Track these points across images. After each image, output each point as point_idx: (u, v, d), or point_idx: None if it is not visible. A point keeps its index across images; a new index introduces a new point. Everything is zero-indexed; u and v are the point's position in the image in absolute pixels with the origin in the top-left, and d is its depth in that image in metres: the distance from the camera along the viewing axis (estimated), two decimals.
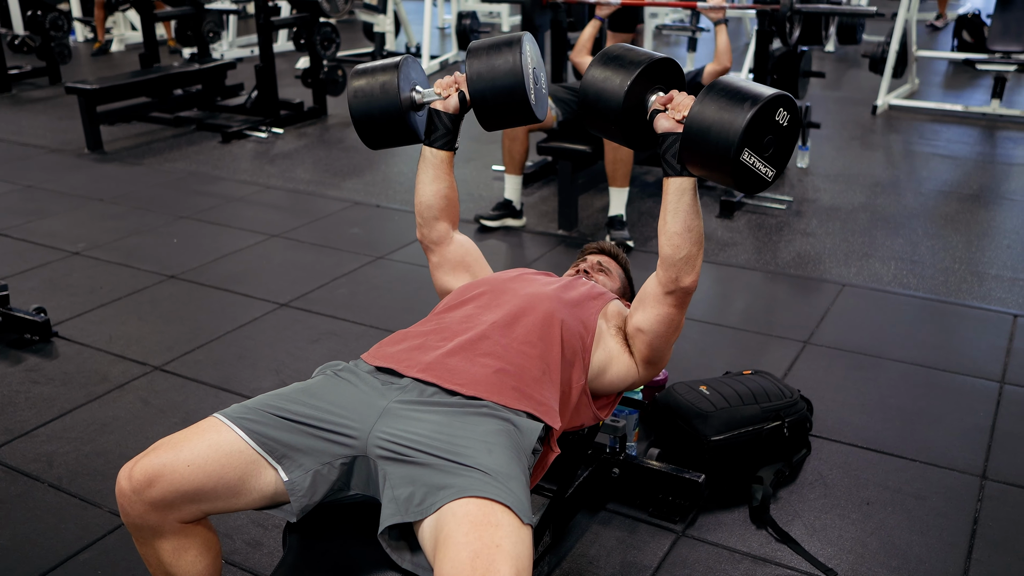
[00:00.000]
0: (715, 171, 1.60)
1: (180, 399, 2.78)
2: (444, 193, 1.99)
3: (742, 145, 1.54)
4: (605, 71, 1.76)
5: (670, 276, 1.74)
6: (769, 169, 1.60)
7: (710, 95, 1.59)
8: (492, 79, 1.83)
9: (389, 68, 1.92)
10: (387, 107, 1.90)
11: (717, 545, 2.14)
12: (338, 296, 3.52)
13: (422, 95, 1.94)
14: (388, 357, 1.68)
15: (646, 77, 1.73)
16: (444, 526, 1.34)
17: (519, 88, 1.83)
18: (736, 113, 1.54)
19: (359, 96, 1.91)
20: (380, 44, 8.66)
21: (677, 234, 1.70)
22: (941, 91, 7.45)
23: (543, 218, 4.39)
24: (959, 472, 2.39)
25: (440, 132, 1.94)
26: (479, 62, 1.85)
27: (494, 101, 1.86)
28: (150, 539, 1.52)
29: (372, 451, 1.50)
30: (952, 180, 4.98)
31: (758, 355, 3.03)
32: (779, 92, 1.57)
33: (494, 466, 1.41)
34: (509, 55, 1.83)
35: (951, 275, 3.66)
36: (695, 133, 1.59)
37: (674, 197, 1.70)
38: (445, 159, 1.97)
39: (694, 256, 1.72)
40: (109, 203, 4.68)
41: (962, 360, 2.98)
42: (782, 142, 1.61)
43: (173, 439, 1.51)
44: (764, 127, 1.56)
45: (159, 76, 6.15)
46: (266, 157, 5.57)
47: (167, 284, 3.65)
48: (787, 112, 1.58)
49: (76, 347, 3.11)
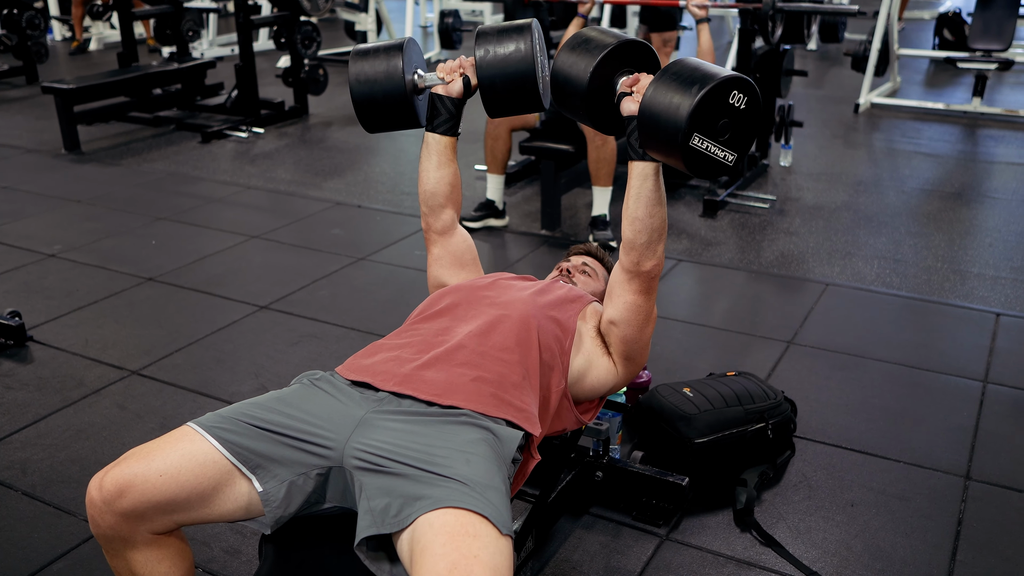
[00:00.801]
0: (668, 155, 1.58)
1: (157, 404, 2.74)
2: (449, 180, 1.96)
3: (691, 129, 1.51)
4: (572, 54, 1.73)
5: (631, 260, 1.73)
6: (728, 153, 1.57)
7: (663, 79, 1.56)
8: (503, 66, 1.79)
9: (393, 51, 1.84)
10: (391, 91, 1.83)
11: (701, 549, 2.12)
12: (319, 298, 3.48)
13: (424, 79, 1.88)
14: (363, 370, 1.65)
15: (614, 59, 1.70)
16: (421, 537, 1.31)
17: (530, 75, 1.78)
18: (684, 97, 1.51)
19: (361, 80, 1.84)
20: (362, 43, 8.61)
21: (638, 219, 1.70)
22: (923, 89, 7.48)
23: (526, 218, 4.36)
24: (943, 473, 2.38)
25: (444, 117, 1.90)
26: (489, 47, 1.79)
27: (504, 88, 1.81)
28: (120, 551, 1.49)
29: (348, 462, 1.47)
30: (934, 178, 4.99)
31: (742, 355, 3.02)
32: (732, 74, 1.53)
33: (472, 476, 1.39)
34: (520, 41, 1.78)
35: (934, 274, 3.66)
36: (647, 118, 1.56)
37: (637, 181, 1.69)
38: (449, 144, 1.94)
39: (655, 242, 1.71)
40: (86, 204, 4.62)
41: (945, 359, 2.98)
42: (740, 125, 1.56)
43: (145, 449, 1.47)
44: (717, 111, 1.52)
45: (137, 75, 6.07)
46: (246, 157, 5.52)
47: (145, 287, 3.60)
48: (742, 94, 1.54)
49: (51, 351, 3.06)
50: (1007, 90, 7.26)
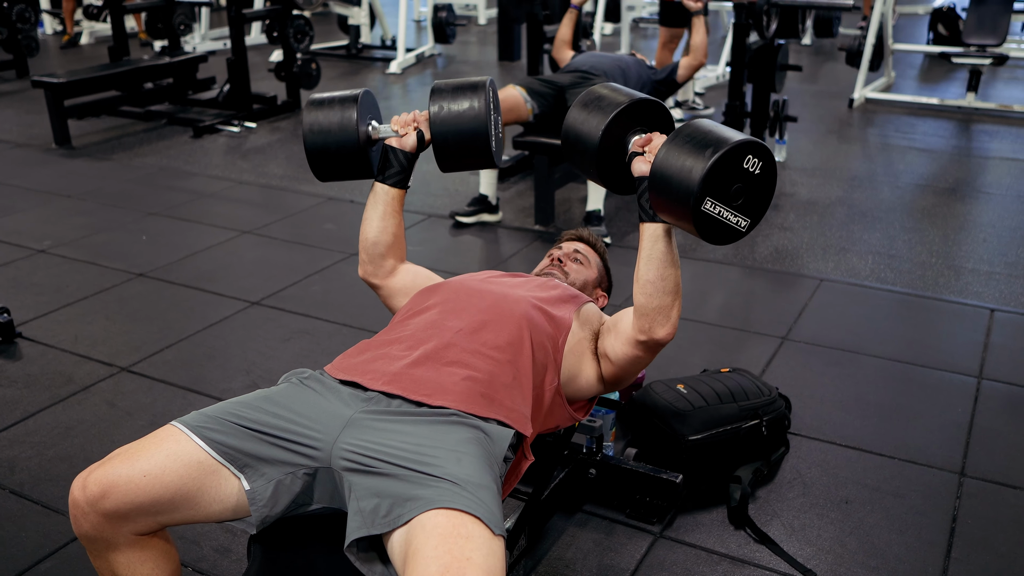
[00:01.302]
0: (679, 220, 1.53)
1: (148, 401, 2.71)
2: (392, 231, 1.93)
3: (703, 194, 1.46)
4: (584, 112, 1.71)
5: (643, 326, 1.68)
6: (741, 219, 1.52)
7: (675, 140, 1.52)
8: (457, 123, 1.80)
9: (348, 102, 1.85)
10: (344, 143, 1.84)
11: (695, 546, 2.10)
12: (311, 294, 3.46)
13: (377, 131, 1.90)
14: (351, 369, 1.63)
15: (627, 118, 1.68)
16: (413, 539, 1.29)
17: (482, 133, 1.80)
18: (697, 160, 1.46)
19: (315, 130, 1.84)
20: (355, 37, 8.58)
21: (650, 282, 1.65)
22: (917, 84, 7.47)
23: (519, 213, 4.34)
24: (937, 469, 2.37)
25: (395, 169, 1.89)
26: (443, 104, 1.81)
27: (456, 144, 1.82)
28: (104, 552, 1.47)
29: (336, 462, 1.44)
30: (928, 173, 4.98)
31: (736, 352, 3.00)
32: (747, 139, 1.48)
33: (463, 476, 1.37)
34: (475, 99, 1.80)
35: (928, 269, 3.65)
36: (659, 180, 1.52)
37: (648, 243, 1.65)
38: (397, 196, 1.92)
39: (668, 307, 1.66)
40: (77, 199, 4.58)
41: (940, 355, 2.97)
42: (755, 191, 1.52)
43: (129, 449, 1.45)
44: (730, 175, 1.48)
45: (128, 69, 6.03)
46: (238, 152, 5.48)
47: (135, 282, 3.57)
48: (758, 159, 1.49)
49: (40, 348, 3.04)
50: (1001, 85, 7.26)
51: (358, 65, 8.30)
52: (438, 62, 8.39)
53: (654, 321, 1.67)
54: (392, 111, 6.50)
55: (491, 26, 10.25)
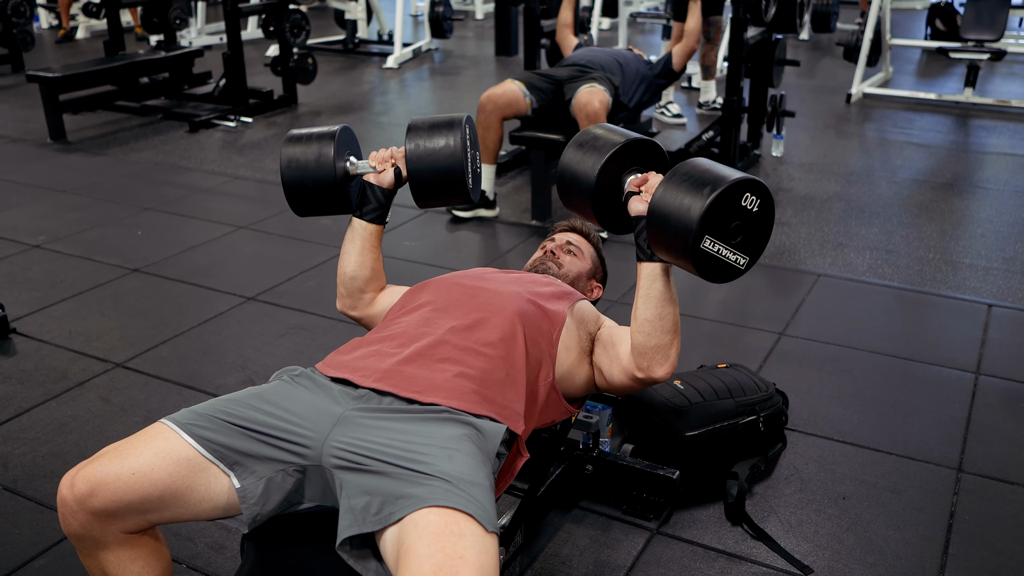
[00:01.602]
0: (678, 259, 1.53)
1: (142, 397, 2.70)
2: (371, 265, 1.93)
3: (701, 233, 1.46)
4: (580, 152, 1.70)
5: (641, 364, 1.67)
6: (740, 257, 1.52)
7: (673, 179, 1.51)
8: (432, 161, 1.80)
9: (325, 138, 1.85)
10: (321, 179, 1.84)
11: (692, 543, 2.10)
12: (307, 289, 3.45)
13: (355, 167, 1.89)
14: (342, 366, 1.61)
15: (622, 157, 1.67)
16: (406, 538, 1.28)
17: (458, 170, 1.80)
18: (695, 198, 1.46)
19: (292, 166, 1.84)
20: (352, 32, 8.56)
21: (648, 321, 1.64)
22: (915, 79, 7.46)
23: (516, 208, 4.33)
24: (935, 465, 2.37)
25: (372, 205, 1.89)
26: (419, 142, 1.81)
27: (432, 181, 1.82)
28: (93, 551, 1.45)
29: (327, 460, 1.43)
30: (926, 169, 4.97)
31: (733, 347, 2.99)
32: (745, 176, 1.48)
33: (455, 473, 1.35)
34: (450, 137, 1.80)
35: (926, 265, 3.64)
36: (657, 219, 1.52)
37: (646, 283, 1.64)
38: (375, 232, 1.91)
39: (667, 345, 1.65)
40: (72, 194, 4.56)
41: (937, 351, 2.96)
42: (753, 228, 1.52)
43: (118, 446, 1.44)
44: (728, 213, 1.47)
45: (124, 64, 6.01)
46: (234, 147, 5.46)
47: (130, 278, 3.56)
48: (756, 197, 1.49)
49: (34, 344, 3.02)
50: (999, 80, 7.25)
51: (355, 60, 8.28)
52: (435, 57, 8.37)
53: (652, 360, 1.66)
54: (389, 106, 6.49)
55: (488, 21, 10.23)
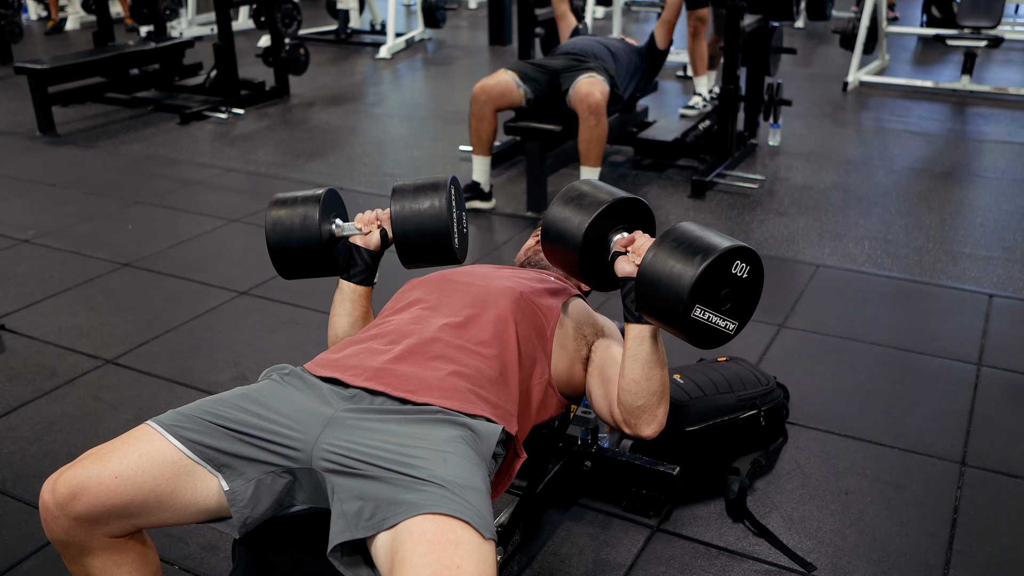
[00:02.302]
0: (667, 325, 1.49)
1: (133, 394, 2.66)
2: (361, 325, 1.88)
3: (692, 302, 1.42)
4: (566, 210, 1.66)
5: (628, 421, 1.63)
6: (729, 323, 1.48)
7: (663, 244, 1.48)
8: (417, 221, 1.77)
9: (310, 201, 1.82)
10: (306, 241, 1.81)
11: (693, 540, 2.06)
12: (300, 283, 3.37)
13: (341, 228, 1.85)
14: (332, 365, 1.57)
15: (610, 216, 1.63)
16: (400, 546, 1.23)
17: (443, 231, 1.76)
18: (686, 267, 1.42)
19: (277, 229, 1.81)
20: (344, 22, 8.48)
21: (635, 381, 1.60)
22: (911, 67, 7.42)
23: (512, 200, 4.29)
24: (938, 459, 2.34)
25: (359, 268, 1.84)
26: (404, 204, 1.78)
27: (417, 242, 1.79)
28: (77, 556, 1.41)
29: (317, 463, 1.39)
30: (924, 157, 4.94)
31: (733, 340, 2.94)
32: (735, 244, 1.45)
33: (450, 478, 1.31)
34: (435, 198, 1.77)
35: (925, 254, 3.61)
36: (647, 285, 1.48)
37: (633, 344, 1.60)
38: (363, 293, 1.87)
39: (654, 407, 1.61)
40: (61, 188, 4.51)
41: (938, 342, 2.93)
42: (742, 295, 1.48)
43: (101, 449, 1.39)
44: (718, 281, 1.44)
45: (113, 55, 5.93)
46: (226, 139, 5.41)
47: (121, 272, 3.51)
48: (745, 264, 1.46)
49: (23, 340, 2.97)
50: (996, 68, 7.21)
51: (347, 50, 8.21)
52: (428, 47, 8.30)
53: (639, 419, 1.63)
54: (382, 97, 6.43)
55: (482, 10, 10.16)
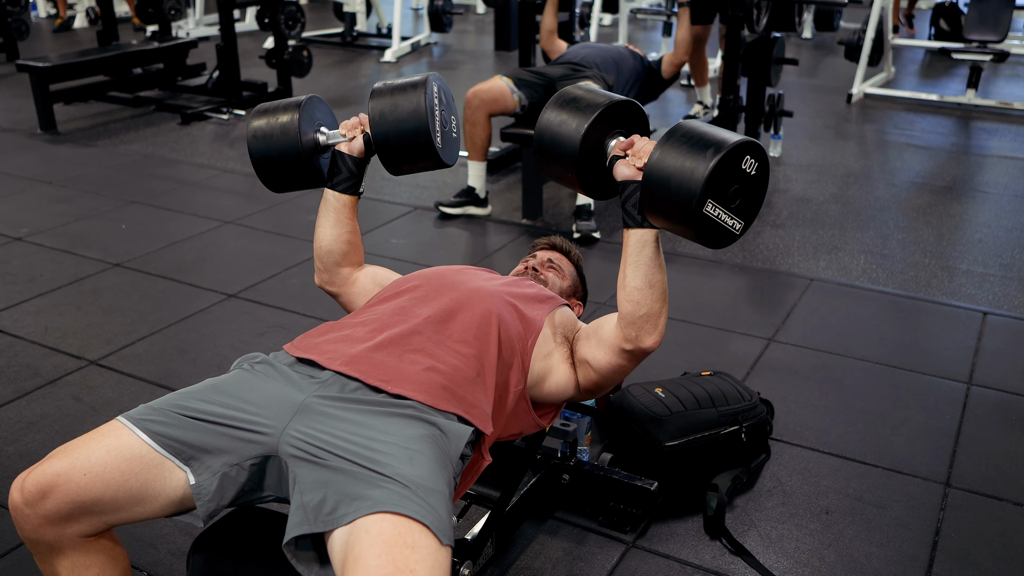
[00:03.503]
0: (677, 224, 1.48)
1: (114, 396, 2.64)
2: (347, 238, 1.87)
3: (705, 196, 1.41)
4: (561, 114, 1.64)
5: (629, 335, 1.61)
6: (737, 221, 1.48)
7: (671, 141, 1.47)
8: (395, 121, 1.74)
9: (290, 108, 1.82)
10: (287, 149, 1.80)
11: (668, 557, 2.04)
12: (289, 287, 3.39)
13: (327, 136, 1.85)
14: (311, 348, 1.57)
15: (605, 120, 1.62)
16: (356, 544, 1.23)
17: (423, 131, 1.74)
18: (698, 161, 1.41)
19: (258, 137, 1.81)
20: (350, 24, 8.49)
21: (637, 289, 1.58)
22: (917, 80, 7.37)
23: (508, 206, 4.27)
24: (922, 479, 2.30)
25: (344, 175, 1.83)
26: (381, 103, 1.75)
27: (397, 144, 1.76)
28: (48, 556, 1.41)
29: (284, 450, 1.39)
30: (925, 171, 4.90)
31: (720, 353, 2.93)
32: (745, 138, 1.45)
33: (414, 478, 1.30)
34: (413, 96, 1.74)
35: (921, 270, 3.57)
36: (655, 183, 1.47)
37: (635, 250, 1.58)
38: (348, 203, 1.86)
39: (656, 314, 1.59)
40: (58, 186, 4.51)
41: (929, 359, 2.89)
42: (750, 192, 1.48)
43: (70, 446, 1.40)
44: (729, 176, 1.44)
45: (116, 54, 5.94)
46: (226, 140, 5.40)
47: (111, 272, 3.50)
48: (754, 160, 1.46)
49: (8, 339, 2.97)
50: (1002, 82, 7.16)
51: (353, 53, 8.21)
52: (434, 51, 8.29)
53: (641, 329, 1.60)
54: None
55: (489, 15, 10.15)
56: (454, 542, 1.30)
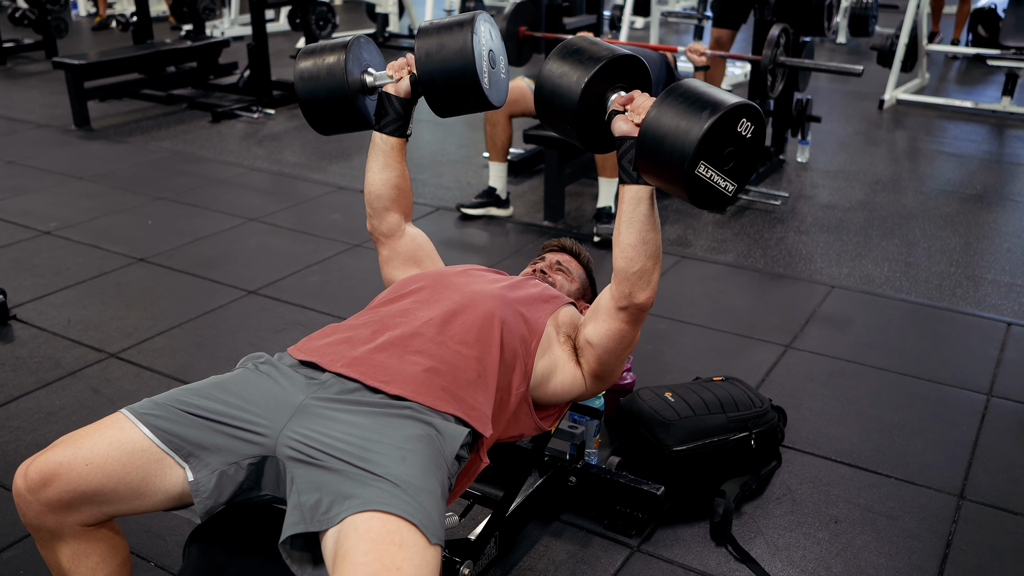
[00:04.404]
0: (669, 183, 1.48)
1: (132, 389, 2.68)
2: (395, 183, 1.89)
3: (698, 157, 1.42)
4: (563, 65, 1.64)
5: (623, 291, 1.63)
6: (729, 184, 1.48)
7: (668, 100, 1.47)
8: (441, 60, 1.72)
9: (337, 48, 1.81)
10: (334, 90, 1.80)
11: (672, 562, 2.02)
12: (309, 284, 3.41)
13: (374, 78, 1.84)
14: (313, 351, 1.59)
15: (607, 74, 1.61)
16: (345, 541, 1.24)
17: (470, 71, 1.71)
18: (693, 122, 1.41)
19: (304, 78, 1.82)
20: (383, 25, 8.53)
21: (631, 246, 1.59)
22: (952, 86, 7.26)
23: (530, 208, 4.27)
24: (935, 491, 2.27)
25: (391, 117, 1.84)
26: (427, 42, 1.74)
27: (444, 85, 1.75)
28: (49, 542, 1.45)
29: (282, 451, 1.40)
30: (956, 179, 4.82)
31: (736, 358, 2.90)
32: (743, 101, 1.45)
33: (406, 477, 1.31)
34: (460, 35, 1.71)
35: (946, 279, 3.52)
36: (649, 141, 1.47)
37: (629, 206, 1.59)
38: (396, 146, 1.87)
39: (649, 271, 1.61)
40: (88, 181, 4.58)
41: (950, 370, 2.85)
42: (744, 155, 1.48)
43: (74, 436, 1.43)
44: (724, 138, 1.43)
45: (149, 53, 6.04)
46: (255, 138, 5.46)
47: (135, 267, 3.55)
48: (751, 123, 1.46)
49: (32, 331, 3.02)
50: None
51: (385, 54, 8.25)
52: None
53: (635, 286, 1.62)
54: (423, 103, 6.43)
55: None
56: (444, 541, 1.30)
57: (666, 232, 3.95)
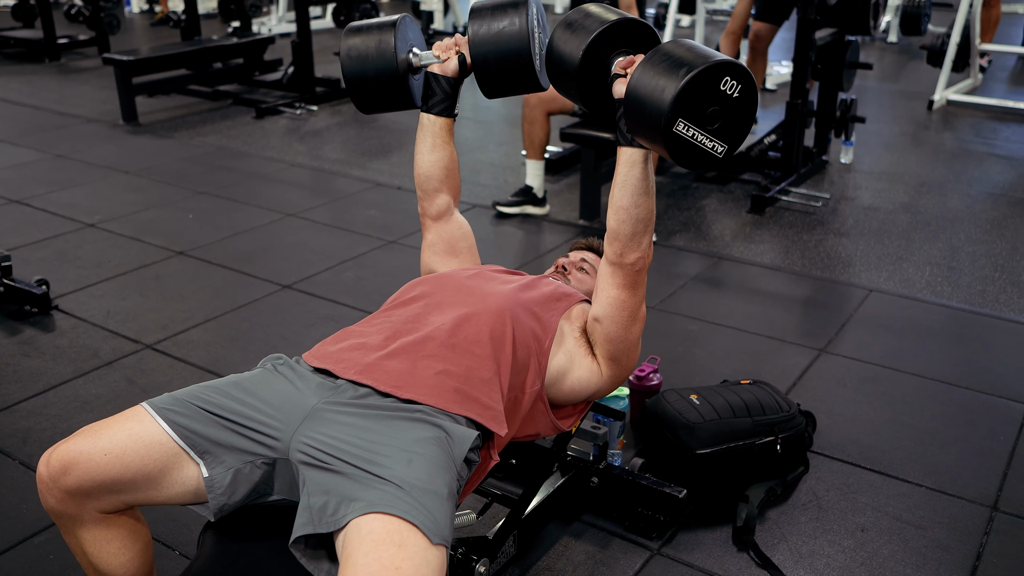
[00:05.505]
0: (652, 142, 1.49)
1: (165, 380, 2.73)
2: (444, 163, 1.92)
3: (674, 115, 1.41)
4: (568, 31, 1.65)
5: (615, 251, 1.65)
6: (717, 144, 1.47)
7: (652, 60, 1.47)
8: (496, 42, 1.73)
9: (386, 27, 1.80)
10: (383, 69, 1.79)
11: (692, 566, 2.00)
12: (343, 280, 3.44)
13: (420, 57, 1.84)
14: (326, 357, 1.60)
15: (611, 38, 1.61)
16: (348, 543, 1.25)
17: (524, 52, 1.72)
18: (670, 80, 1.41)
19: (352, 56, 1.80)
20: (427, 23, 8.57)
21: (623, 208, 1.60)
22: (1005, 87, 7.08)
23: (566, 206, 4.25)
24: (968, 501, 2.21)
25: (438, 97, 1.85)
26: (482, 23, 1.74)
27: (497, 65, 1.76)
28: (71, 528, 1.48)
29: (293, 455, 1.42)
30: (1005, 182, 4.70)
31: (767, 362, 2.86)
32: (725, 58, 1.43)
33: (410, 479, 1.31)
34: (515, 16, 1.72)
35: (989, 284, 3.43)
36: (633, 101, 1.47)
37: (624, 168, 1.60)
38: (444, 126, 1.89)
39: (640, 233, 1.62)
40: (133, 175, 4.67)
41: (988, 378, 2.78)
42: (733, 115, 1.46)
43: (95, 427, 1.46)
44: (705, 97, 1.42)
45: (195, 49, 6.14)
46: (297, 134, 5.52)
47: (174, 260, 3.61)
48: (736, 82, 1.44)
49: (73, 321, 3.09)
50: None
51: None
52: None
53: (625, 247, 1.64)
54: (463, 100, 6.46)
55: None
56: (450, 541, 1.30)
57: (702, 233, 3.91)
